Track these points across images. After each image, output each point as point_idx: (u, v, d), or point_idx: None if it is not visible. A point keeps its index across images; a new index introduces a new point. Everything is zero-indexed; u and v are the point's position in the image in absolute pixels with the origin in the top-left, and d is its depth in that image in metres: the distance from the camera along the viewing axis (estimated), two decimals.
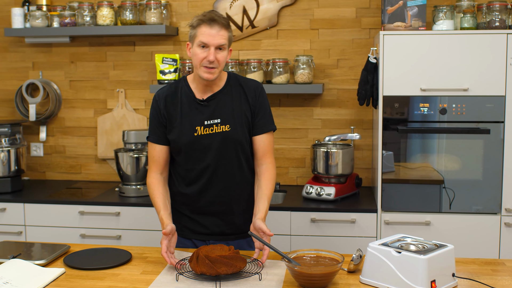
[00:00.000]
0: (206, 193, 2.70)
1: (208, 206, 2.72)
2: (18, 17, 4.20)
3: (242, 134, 2.67)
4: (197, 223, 2.75)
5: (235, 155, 2.68)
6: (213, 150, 2.65)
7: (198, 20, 2.57)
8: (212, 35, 2.53)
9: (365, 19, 4.05)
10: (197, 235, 2.76)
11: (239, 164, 2.70)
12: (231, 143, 2.66)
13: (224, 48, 2.58)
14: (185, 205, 2.76)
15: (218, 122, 2.65)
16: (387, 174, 3.56)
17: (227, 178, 2.69)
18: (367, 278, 2.23)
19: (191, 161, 2.68)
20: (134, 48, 4.33)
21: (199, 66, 2.58)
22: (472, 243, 3.48)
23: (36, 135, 4.51)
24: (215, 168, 2.67)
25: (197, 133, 2.64)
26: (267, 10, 4.11)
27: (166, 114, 2.69)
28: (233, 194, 2.72)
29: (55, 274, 2.34)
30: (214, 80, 2.62)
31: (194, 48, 2.59)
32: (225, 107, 2.66)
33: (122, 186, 3.95)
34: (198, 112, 2.66)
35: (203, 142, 2.65)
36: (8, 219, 3.87)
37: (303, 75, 3.92)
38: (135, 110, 4.36)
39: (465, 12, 3.53)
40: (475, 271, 2.35)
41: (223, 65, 2.61)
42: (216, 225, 2.74)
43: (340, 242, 3.55)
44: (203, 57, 2.55)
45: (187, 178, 2.71)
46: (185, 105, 2.67)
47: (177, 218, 2.78)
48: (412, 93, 3.48)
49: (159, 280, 2.31)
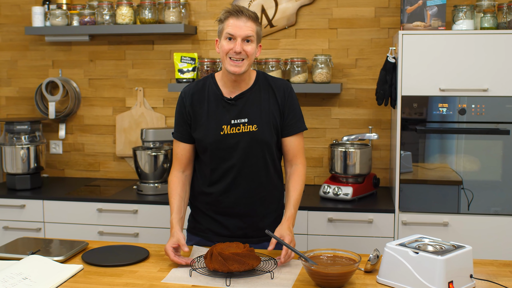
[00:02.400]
0: (230, 193, 2.67)
1: (232, 207, 2.69)
2: (38, 16, 4.24)
3: (269, 135, 2.63)
4: (220, 224, 2.73)
5: (261, 155, 2.65)
6: (239, 150, 2.62)
7: (225, 13, 2.53)
8: (239, 26, 2.49)
9: (384, 18, 4.03)
10: (220, 237, 2.72)
11: (265, 165, 2.67)
12: (258, 143, 2.62)
13: (252, 41, 2.53)
14: (208, 205, 2.74)
15: (245, 121, 2.61)
16: (405, 175, 3.55)
17: (252, 179, 2.66)
18: (384, 278, 2.22)
19: (216, 160, 2.65)
20: (153, 46, 4.34)
21: (225, 58, 2.53)
22: (490, 244, 3.45)
23: (55, 133, 4.55)
24: (240, 168, 2.64)
25: (224, 132, 2.61)
26: (286, 9, 4.11)
27: (192, 112, 2.66)
28: (258, 196, 2.69)
29: (73, 270, 2.36)
30: (242, 76, 2.58)
31: (222, 41, 2.54)
32: (253, 107, 2.63)
33: (140, 184, 3.97)
34: (225, 110, 2.62)
35: (229, 142, 2.61)
36: (27, 216, 3.90)
37: (321, 75, 3.91)
38: (154, 109, 4.38)
39: (485, 12, 3.50)
40: (493, 273, 2.33)
41: (252, 58, 2.56)
42: (239, 227, 2.71)
43: (357, 242, 3.54)
44: (229, 48, 2.51)
45: (212, 177, 2.68)
46: (212, 103, 2.64)
47: (200, 218, 2.77)
48: (431, 93, 3.46)
49: (172, 275, 2.33)
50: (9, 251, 2.58)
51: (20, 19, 4.50)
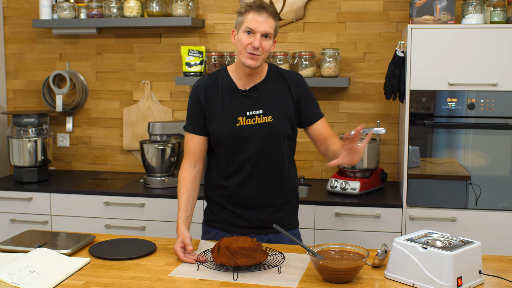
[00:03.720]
0: (247, 185, 2.68)
1: (250, 199, 2.69)
2: (46, 9, 4.23)
3: (284, 126, 2.65)
4: (238, 216, 2.73)
5: (277, 146, 2.66)
6: (255, 141, 2.63)
7: (247, 7, 2.54)
8: (260, 22, 2.51)
9: (393, 12, 4.01)
10: (239, 228, 2.73)
11: (281, 156, 2.68)
12: (273, 134, 2.64)
13: (270, 37, 2.55)
14: (226, 198, 2.74)
15: (260, 113, 2.63)
16: (413, 169, 3.53)
17: (268, 170, 2.67)
18: (392, 273, 2.21)
19: (233, 152, 2.66)
20: (160, 40, 4.34)
21: (243, 52, 2.55)
22: (499, 240, 3.43)
23: (62, 126, 4.55)
24: (257, 160, 2.65)
25: (239, 123, 2.62)
26: (294, 2, 4.09)
27: (206, 105, 2.67)
28: (275, 186, 2.70)
29: (81, 263, 2.36)
30: (256, 69, 2.61)
31: (240, 34, 2.56)
32: (267, 98, 2.65)
33: (147, 177, 3.97)
34: (240, 102, 2.64)
35: (245, 133, 2.63)
36: (34, 209, 3.91)
37: (329, 69, 3.90)
38: (161, 102, 4.37)
39: (495, 6, 3.48)
40: (502, 269, 2.32)
41: (267, 54, 2.59)
42: (258, 218, 2.71)
43: (364, 237, 3.53)
44: (248, 42, 2.53)
45: (228, 170, 2.69)
46: (226, 95, 2.65)
47: (218, 211, 2.77)
48: (439, 87, 3.44)
49: (179, 269, 2.33)
50: (16, 244, 2.59)
51: (27, 12, 4.50)
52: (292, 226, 2.81)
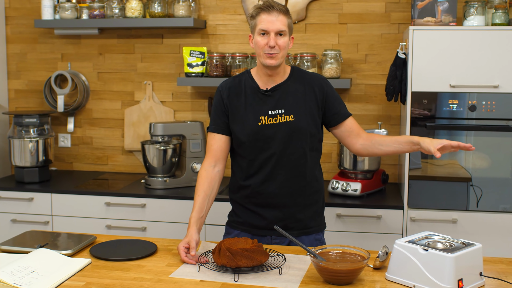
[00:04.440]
0: (269, 183, 2.68)
1: (271, 198, 2.69)
2: (48, 9, 4.24)
3: (306, 125, 2.66)
4: (259, 216, 2.73)
5: (299, 145, 2.67)
6: (277, 140, 2.64)
7: (257, 9, 2.59)
8: (271, 21, 2.55)
9: (395, 14, 4.01)
10: (259, 230, 2.73)
11: (303, 155, 2.68)
12: (295, 133, 2.65)
13: (284, 34, 2.58)
14: (248, 198, 2.74)
15: (282, 112, 2.65)
16: (414, 171, 3.53)
17: (290, 169, 2.68)
18: (393, 275, 2.21)
19: (255, 151, 2.67)
20: (162, 40, 4.34)
21: (261, 53, 2.59)
22: (500, 242, 3.43)
23: (64, 126, 4.55)
24: (278, 158, 2.66)
25: (261, 122, 2.65)
26: (296, 4, 4.09)
27: (229, 104, 2.70)
28: (297, 186, 2.70)
29: (81, 264, 2.36)
30: (277, 69, 2.64)
31: (256, 37, 2.60)
32: (289, 98, 2.67)
33: (148, 178, 3.97)
34: (262, 102, 2.67)
35: (267, 132, 2.65)
36: (35, 209, 3.91)
37: (331, 70, 3.90)
38: (162, 103, 4.37)
39: (496, 8, 3.48)
40: (503, 271, 2.32)
41: (285, 51, 2.62)
42: (279, 218, 2.70)
43: (365, 238, 3.53)
44: (264, 43, 2.57)
45: (250, 169, 2.70)
46: (249, 96, 2.69)
47: (240, 212, 2.78)
48: (441, 89, 3.44)
49: (180, 270, 2.33)
50: (17, 244, 2.59)
51: (29, 12, 4.50)
52: (316, 229, 2.79)
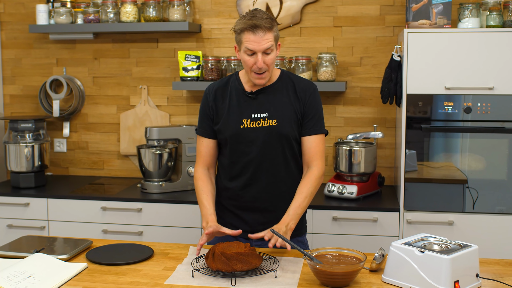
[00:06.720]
0: (250, 187, 2.69)
1: (252, 202, 2.70)
2: (42, 14, 4.23)
3: (289, 129, 2.64)
4: (241, 220, 2.73)
5: (280, 150, 2.66)
6: (258, 144, 2.64)
7: (241, 26, 2.54)
8: (257, 42, 2.51)
9: (389, 16, 4.02)
10: (241, 232, 2.71)
11: (285, 160, 2.68)
12: (277, 138, 2.64)
13: (271, 50, 2.55)
14: (230, 200, 2.75)
15: (265, 116, 2.64)
16: (410, 173, 3.54)
17: (271, 174, 2.67)
18: (389, 277, 2.21)
19: (236, 153, 2.67)
20: (157, 45, 4.34)
21: (249, 72, 2.59)
22: (496, 243, 3.43)
23: (59, 131, 4.54)
24: (260, 162, 2.66)
25: (243, 125, 2.64)
26: (291, 7, 4.10)
27: (214, 107, 2.70)
28: (278, 191, 2.70)
29: (78, 269, 2.36)
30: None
31: (242, 54, 2.58)
32: (274, 102, 2.66)
33: (144, 182, 3.97)
34: (247, 104, 2.66)
35: (249, 135, 2.64)
36: (31, 214, 3.90)
37: (326, 73, 3.90)
38: (158, 107, 4.37)
39: (491, 10, 3.49)
40: (499, 272, 2.32)
41: (273, 66, 2.62)
42: (259, 222, 2.70)
43: (362, 241, 3.53)
44: (252, 63, 2.56)
45: (232, 171, 2.71)
46: (234, 97, 2.68)
47: (222, 213, 2.78)
48: (436, 91, 3.45)
49: (175, 275, 2.32)
50: (13, 250, 2.58)
51: (24, 17, 4.50)
52: (298, 233, 2.77)
